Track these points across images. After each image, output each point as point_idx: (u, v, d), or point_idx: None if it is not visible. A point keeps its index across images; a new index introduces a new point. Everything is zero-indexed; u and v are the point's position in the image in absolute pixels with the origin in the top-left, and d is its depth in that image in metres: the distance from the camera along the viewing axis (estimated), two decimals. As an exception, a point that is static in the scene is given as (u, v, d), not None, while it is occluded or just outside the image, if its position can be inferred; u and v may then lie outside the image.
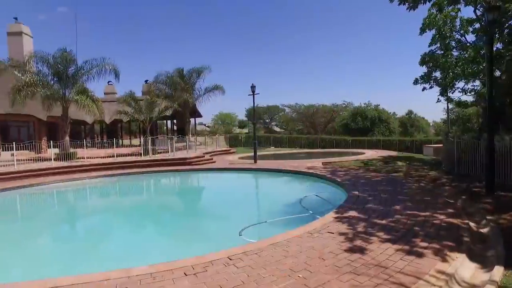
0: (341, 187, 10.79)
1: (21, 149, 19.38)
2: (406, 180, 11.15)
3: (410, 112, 51.66)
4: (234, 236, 6.63)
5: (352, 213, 6.94)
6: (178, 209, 11.50)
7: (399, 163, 16.65)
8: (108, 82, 37.35)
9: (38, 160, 19.60)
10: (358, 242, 5.13)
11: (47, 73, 20.67)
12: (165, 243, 7.30)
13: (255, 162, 18.91)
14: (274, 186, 14.74)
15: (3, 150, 22.94)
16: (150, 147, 21.79)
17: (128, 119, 27.76)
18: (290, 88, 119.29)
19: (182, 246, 6.94)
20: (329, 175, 12.82)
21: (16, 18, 30.20)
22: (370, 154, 23.20)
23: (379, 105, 45.53)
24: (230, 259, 4.57)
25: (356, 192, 9.11)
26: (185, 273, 4.15)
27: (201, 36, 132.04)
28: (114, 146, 21.66)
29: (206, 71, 28.80)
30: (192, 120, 34.73)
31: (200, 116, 38.13)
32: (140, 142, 23.68)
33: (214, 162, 20.51)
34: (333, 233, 5.66)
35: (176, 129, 38.64)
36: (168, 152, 22.74)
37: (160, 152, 23.51)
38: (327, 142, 37.60)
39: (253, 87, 19.39)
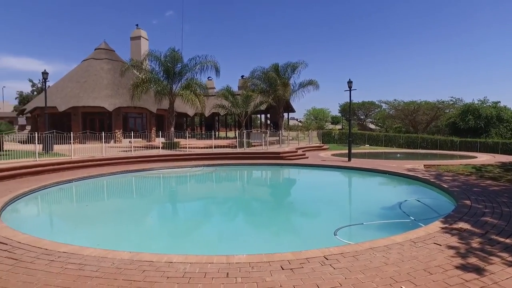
0: (448, 194, 9.62)
1: (136, 138, 22.46)
2: (535, 193, 9.39)
3: (544, 110, 43.11)
4: (328, 235, 6.50)
5: (464, 225, 6.13)
6: (271, 202, 11.77)
7: (525, 171, 14.12)
8: (208, 77, 40.30)
9: (149, 147, 22.35)
10: (473, 260, 4.49)
11: (158, 71, 23.36)
12: (259, 235, 7.55)
13: (349, 160, 18.22)
14: (370, 187, 13.99)
15: (123, 138, 26.95)
16: (245, 140, 22.74)
17: (225, 112, 29.53)
18: (388, 84, 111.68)
19: (275, 239, 7.07)
20: (433, 179, 11.58)
21: (137, 25, 35.06)
22: (484, 158, 20.20)
23: (499, 102, 39.14)
24: (327, 259, 4.49)
25: (468, 202, 8.02)
26: (281, 267, 4.22)
27: (296, 30, 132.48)
28: (212, 138, 23.26)
29: (301, 66, 28.36)
30: (285, 114, 35.12)
31: (293, 111, 38.33)
32: (236, 134, 24.96)
33: (307, 157, 20.38)
34: (440, 245, 5.10)
35: (269, 123, 39.66)
36: (262, 145, 23.49)
37: (254, 145, 24.35)
38: (429, 142, 34.05)
39: (349, 82, 18.63)
